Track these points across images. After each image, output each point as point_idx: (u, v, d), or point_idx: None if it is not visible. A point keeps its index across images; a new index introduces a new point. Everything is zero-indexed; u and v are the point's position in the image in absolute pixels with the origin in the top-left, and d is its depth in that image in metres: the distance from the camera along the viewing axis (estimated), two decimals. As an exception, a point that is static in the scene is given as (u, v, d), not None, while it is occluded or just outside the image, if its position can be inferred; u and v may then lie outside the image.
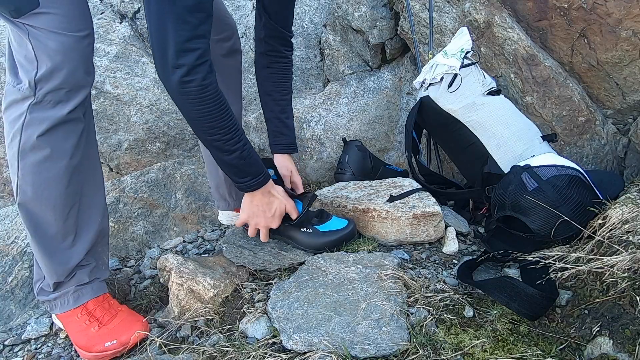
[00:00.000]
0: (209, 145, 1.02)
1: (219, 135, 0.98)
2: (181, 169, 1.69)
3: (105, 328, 1.02)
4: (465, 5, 1.69)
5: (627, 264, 0.81)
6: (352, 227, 1.20)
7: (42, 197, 0.98)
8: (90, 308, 1.04)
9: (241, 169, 1.06)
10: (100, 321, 1.03)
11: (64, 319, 1.05)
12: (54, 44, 0.90)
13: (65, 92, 0.94)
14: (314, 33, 2.05)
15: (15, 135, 0.94)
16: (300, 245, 1.20)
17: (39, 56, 0.90)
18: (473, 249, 1.21)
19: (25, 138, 0.94)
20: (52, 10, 0.89)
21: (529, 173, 1.14)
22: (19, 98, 0.93)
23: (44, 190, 0.97)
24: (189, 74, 0.89)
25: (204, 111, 0.94)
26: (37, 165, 0.96)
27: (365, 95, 1.95)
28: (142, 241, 1.54)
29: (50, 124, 0.94)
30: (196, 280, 1.05)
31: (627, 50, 1.50)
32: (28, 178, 0.96)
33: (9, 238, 1.39)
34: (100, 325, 1.03)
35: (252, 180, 1.08)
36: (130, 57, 1.78)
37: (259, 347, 0.86)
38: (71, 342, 1.06)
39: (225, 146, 1.00)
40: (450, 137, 1.48)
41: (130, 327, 1.03)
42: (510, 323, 0.85)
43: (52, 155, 0.96)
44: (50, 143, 0.95)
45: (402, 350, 0.79)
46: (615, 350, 0.72)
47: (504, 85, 1.65)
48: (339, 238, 1.18)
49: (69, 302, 1.04)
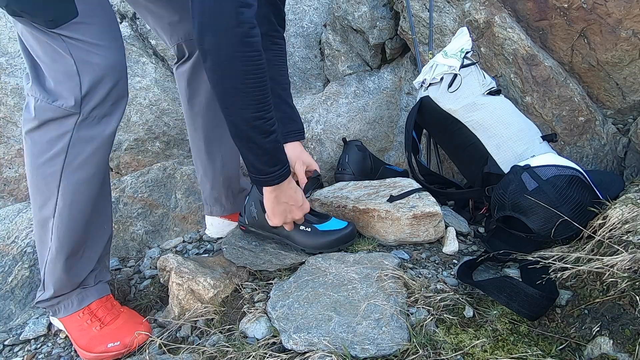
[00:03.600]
0: (249, 127, 0.90)
1: (263, 112, 0.89)
2: (181, 169, 1.69)
3: (108, 328, 1.02)
4: (465, 5, 1.69)
5: (627, 264, 0.81)
6: (351, 228, 1.18)
7: (78, 214, 0.96)
8: (92, 308, 1.04)
9: (274, 155, 0.96)
10: (102, 321, 1.03)
11: (65, 319, 1.05)
12: (97, 57, 0.86)
13: (110, 105, 0.91)
14: (314, 33, 2.05)
15: (58, 155, 0.91)
16: (298, 245, 1.17)
17: (81, 70, 0.86)
18: (473, 249, 1.21)
19: (72, 157, 0.91)
20: (90, 20, 0.85)
21: (529, 173, 1.14)
22: (59, 116, 0.89)
23: (82, 207, 0.96)
24: (251, 31, 0.82)
25: (257, 78, 0.86)
26: (80, 184, 0.94)
27: (365, 95, 1.95)
28: (142, 241, 1.54)
29: (99, 142, 0.92)
30: (196, 280, 1.05)
31: (627, 50, 1.50)
32: (68, 197, 0.94)
33: (9, 238, 1.39)
34: (102, 325, 1.02)
35: (281, 169, 0.98)
36: (130, 57, 1.78)
37: (259, 347, 0.86)
38: (71, 342, 1.06)
39: (266, 126, 0.91)
40: (450, 137, 1.48)
41: (134, 329, 1.02)
42: (510, 323, 0.85)
43: (96, 173, 0.95)
44: (95, 161, 0.94)
45: (402, 350, 0.79)
46: (615, 350, 0.72)
47: (504, 85, 1.65)
48: (338, 238, 1.16)
49: (72, 305, 1.03)
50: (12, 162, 1.68)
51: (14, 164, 1.68)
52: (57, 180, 0.92)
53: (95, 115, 0.90)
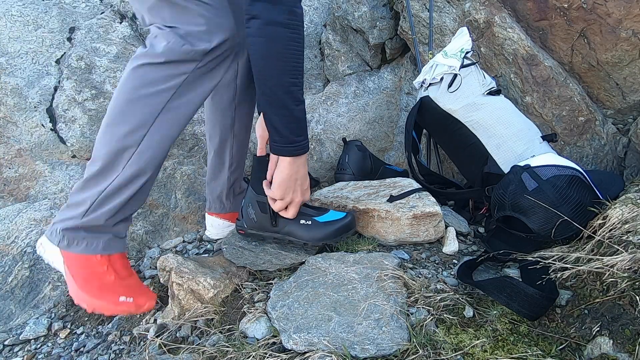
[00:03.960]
0: (285, 93, 0.97)
1: (298, 80, 0.97)
2: (181, 169, 1.69)
3: (123, 282, 1.01)
4: (465, 5, 1.69)
5: (627, 264, 0.81)
6: (351, 217, 1.17)
7: (159, 152, 1.01)
8: (112, 259, 1.03)
9: (301, 124, 1.01)
10: (118, 274, 1.02)
11: (75, 258, 1.01)
12: (223, 19, 0.96)
13: (223, 60, 1.01)
14: (314, 33, 2.05)
15: (169, 90, 0.98)
16: (301, 239, 1.15)
17: (210, 27, 0.95)
18: (473, 249, 1.21)
19: (179, 95, 0.99)
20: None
21: (529, 173, 1.14)
22: (184, 59, 0.97)
23: (165, 146, 1.02)
24: (298, 3, 0.92)
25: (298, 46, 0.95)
26: (175, 122, 1.01)
27: (365, 95, 1.95)
28: (142, 241, 1.54)
29: (206, 88, 1.01)
30: (196, 280, 1.05)
31: (627, 50, 1.50)
32: (161, 130, 0.99)
33: (9, 238, 1.39)
34: (118, 277, 1.01)
35: (305, 140, 1.03)
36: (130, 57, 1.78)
37: (259, 347, 0.86)
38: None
39: (299, 94, 0.98)
40: (450, 137, 1.48)
41: (148, 292, 1.02)
42: (510, 323, 0.85)
43: (189, 117, 1.02)
44: (195, 104, 1.02)
45: (402, 350, 0.79)
46: (615, 350, 0.72)
47: (504, 85, 1.65)
48: (339, 228, 1.14)
49: (96, 247, 1.01)
50: (12, 162, 1.68)
51: (14, 164, 1.68)
52: (158, 112, 0.98)
53: (210, 67, 1.01)
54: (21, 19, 1.71)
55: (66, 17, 1.76)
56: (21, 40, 1.70)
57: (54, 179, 1.68)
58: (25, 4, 1.74)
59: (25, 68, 1.69)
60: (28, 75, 1.69)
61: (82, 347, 1.10)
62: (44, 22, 1.73)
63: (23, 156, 1.69)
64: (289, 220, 1.16)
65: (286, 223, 1.17)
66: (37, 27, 1.73)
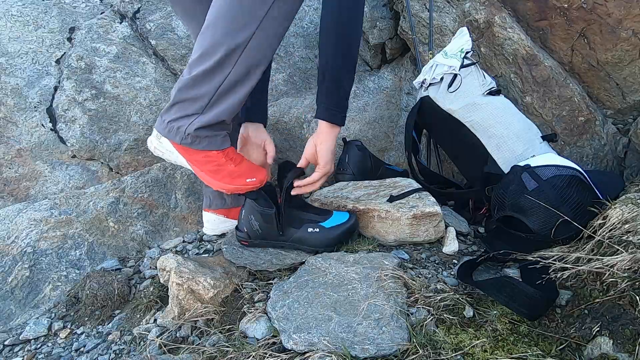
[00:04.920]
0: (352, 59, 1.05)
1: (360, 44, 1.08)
2: (181, 169, 1.69)
3: (241, 166, 1.14)
4: (465, 5, 1.69)
5: (627, 264, 0.81)
6: (354, 218, 1.21)
7: (268, 48, 1.03)
8: (227, 151, 1.13)
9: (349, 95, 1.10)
10: (235, 162, 1.13)
11: (197, 154, 1.09)
12: None
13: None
14: (314, 33, 2.05)
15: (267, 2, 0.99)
16: (312, 246, 1.18)
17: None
18: (473, 249, 1.21)
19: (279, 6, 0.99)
20: None
21: (529, 173, 1.14)
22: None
23: (275, 40, 1.04)
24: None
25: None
26: (283, 17, 1.00)
27: (365, 95, 1.95)
28: (142, 241, 1.54)
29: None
30: (196, 280, 1.05)
31: (627, 50, 1.50)
32: (271, 24, 0.99)
33: (9, 238, 1.40)
34: (236, 165, 1.13)
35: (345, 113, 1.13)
36: (130, 57, 1.78)
37: (259, 347, 0.86)
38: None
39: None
40: (450, 137, 1.48)
41: (260, 169, 1.16)
42: (510, 323, 0.85)
43: (295, 11, 1.03)
44: (290, 16, 1.03)
45: (402, 350, 0.79)
46: (615, 350, 0.72)
47: (504, 85, 1.65)
48: (348, 229, 1.18)
49: (216, 143, 1.10)
50: (12, 162, 1.68)
51: (14, 164, 1.68)
52: (266, 8, 0.97)
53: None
54: (21, 19, 1.71)
55: (66, 17, 1.76)
56: (21, 40, 1.70)
57: (54, 179, 1.68)
58: (25, 4, 1.74)
59: (25, 68, 1.69)
60: (28, 75, 1.69)
61: (82, 347, 1.10)
62: (44, 22, 1.73)
63: (23, 156, 1.69)
64: (296, 229, 1.18)
65: (294, 232, 1.18)
66: (37, 27, 1.72)
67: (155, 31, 1.80)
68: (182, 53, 1.81)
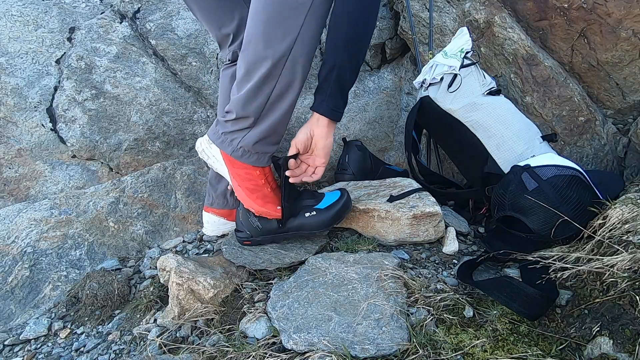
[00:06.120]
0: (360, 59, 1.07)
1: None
2: (181, 169, 1.69)
3: (275, 193, 1.14)
4: (465, 5, 1.69)
5: (627, 264, 0.81)
6: (346, 193, 1.22)
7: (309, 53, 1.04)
8: (266, 172, 1.14)
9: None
10: (271, 185, 1.15)
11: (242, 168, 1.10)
12: None
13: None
14: (314, 33, 2.05)
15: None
16: (313, 229, 1.19)
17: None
18: (473, 249, 1.21)
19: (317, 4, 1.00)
20: None
21: (529, 173, 1.14)
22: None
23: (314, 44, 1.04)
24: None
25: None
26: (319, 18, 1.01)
27: (365, 95, 1.95)
28: (142, 241, 1.54)
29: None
30: (196, 280, 1.05)
31: (627, 50, 1.50)
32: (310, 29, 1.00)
33: (9, 238, 1.40)
34: (272, 189, 1.14)
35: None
36: (130, 57, 1.78)
37: (259, 347, 0.86)
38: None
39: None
40: (450, 137, 1.48)
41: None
42: (510, 323, 0.85)
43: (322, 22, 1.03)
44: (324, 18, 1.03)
45: (402, 350, 0.79)
46: (615, 350, 0.72)
47: (504, 85, 1.65)
48: (342, 205, 1.19)
49: (263, 161, 1.11)
50: (12, 162, 1.68)
51: (14, 164, 1.68)
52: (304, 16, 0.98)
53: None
54: (21, 19, 1.71)
55: (66, 17, 1.76)
56: (21, 40, 1.70)
57: (54, 179, 1.68)
58: (25, 4, 1.74)
59: (25, 68, 1.69)
60: (28, 75, 1.69)
61: (82, 347, 1.10)
62: (44, 22, 1.73)
63: (23, 156, 1.69)
64: (294, 218, 1.19)
65: (292, 221, 1.19)
66: (37, 27, 1.72)
67: (156, 31, 1.80)
68: (182, 53, 1.81)
